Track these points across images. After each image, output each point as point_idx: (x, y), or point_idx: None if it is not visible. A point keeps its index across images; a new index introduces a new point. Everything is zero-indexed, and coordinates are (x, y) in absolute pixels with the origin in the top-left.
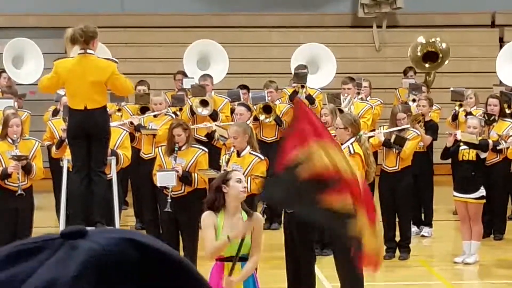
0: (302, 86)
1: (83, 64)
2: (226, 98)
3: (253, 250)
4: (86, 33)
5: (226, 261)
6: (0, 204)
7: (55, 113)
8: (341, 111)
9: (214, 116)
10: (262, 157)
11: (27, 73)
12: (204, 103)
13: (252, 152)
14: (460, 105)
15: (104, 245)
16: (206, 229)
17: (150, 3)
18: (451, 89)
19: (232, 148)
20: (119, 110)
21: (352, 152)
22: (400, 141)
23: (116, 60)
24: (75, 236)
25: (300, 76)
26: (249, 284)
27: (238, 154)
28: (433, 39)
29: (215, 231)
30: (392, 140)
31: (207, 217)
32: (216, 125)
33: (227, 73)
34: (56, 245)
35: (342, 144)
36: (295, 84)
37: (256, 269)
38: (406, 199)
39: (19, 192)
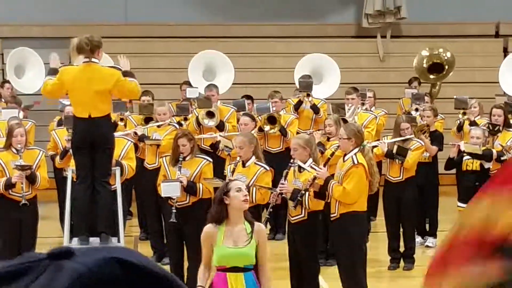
0: (308, 95)
1: (88, 73)
2: (232, 108)
3: (261, 261)
4: (91, 42)
5: (228, 272)
6: (4, 214)
7: (60, 123)
8: (345, 121)
9: (220, 127)
10: (267, 168)
11: (28, 83)
12: (210, 115)
13: (257, 162)
14: (464, 113)
15: (89, 266)
16: (203, 245)
17: (153, 14)
18: (455, 97)
19: (237, 158)
20: (121, 120)
21: (356, 162)
22: (403, 152)
23: (121, 68)
24: (62, 257)
25: (305, 85)
26: None
27: (243, 164)
28: (436, 51)
29: (215, 243)
30: (394, 151)
31: (206, 231)
32: (220, 135)
33: (232, 83)
34: (42, 266)
35: (345, 154)
36: (299, 94)
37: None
38: (410, 210)
39: (23, 202)
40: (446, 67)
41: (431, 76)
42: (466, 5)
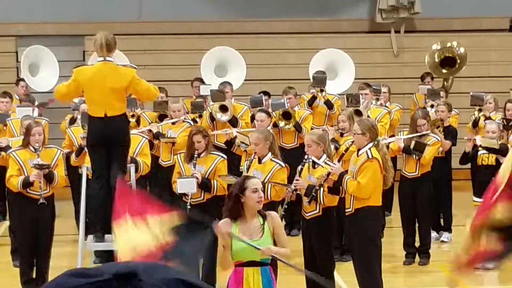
0: (322, 90)
1: (103, 72)
2: (246, 105)
3: (283, 245)
4: (113, 40)
5: (245, 267)
6: (22, 212)
7: (72, 121)
8: (359, 112)
9: (234, 123)
10: (283, 164)
11: (42, 81)
12: (223, 109)
13: (273, 158)
14: (480, 110)
15: (161, 286)
16: (219, 236)
17: (167, 11)
18: (471, 93)
19: (253, 155)
20: (132, 116)
21: (370, 157)
22: (420, 147)
23: (135, 66)
24: (127, 277)
25: (319, 80)
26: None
27: (259, 161)
28: (449, 44)
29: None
30: (412, 146)
31: (222, 225)
32: (237, 131)
33: (245, 79)
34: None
35: (359, 149)
36: (313, 90)
37: (276, 274)
38: (426, 205)
39: (41, 201)
40: (458, 61)
41: (444, 71)
42: None
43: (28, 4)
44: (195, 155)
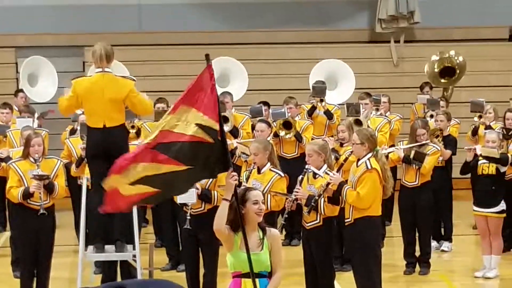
0: (321, 100)
1: (101, 83)
2: (246, 115)
3: (274, 267)
4: (112, 51)
5: (243, 278)
6: (23, 223)
7: (73, 132)
8: (359, 122)
9: (234, 133)
10: (282, 174)
11: (41, 92)
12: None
13: (272, 169)
14: (480, 117)
15: None
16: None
17: (167, 21)
18: (470, 100)
19: (252, 165)
20: (132, 127)
21: (369, 167)
22: (420, 157)
23: (134, 78)
24: None
25: (318, 90)
26: None
27: (259, 171)
28: (447, 54)
29: (232, 246)
30: (411, 156)
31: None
32: (237, 142)
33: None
34: None
35: (359, 159)
36: (313, 101)
37: None
38: (426, 214)
39: (41, 211)
40: (458, 70)
41: (443, 80)
42: (479, 9)
43: (28, 15)
44: None
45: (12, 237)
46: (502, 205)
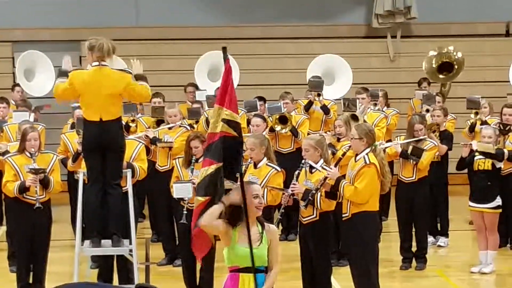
0: (319, 95)
1: (98, 76)
2: (242, 110)
3: (271, 263)
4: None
5: (241, 272)
6: (19, 217)
7: (73, 126)
8: (355, 117)
9: None
10: (279, 169)
11: (38, 86)
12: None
13: (268, 163)
14: (476, 113)
15: None
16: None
17: (164, 16)
18: (467, 97)
19: (249, 160)
20: (132, 121)
21: (368, 162)
22: (417, 152)
23: (131, 71)
24: None
25: (315, 84)
26: None
27: (255, 166)
28: (446, 49)
29: (230, 240)
30: (409, 151)
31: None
32: None
33: (242, 85)
34: None
35: (357, 154)
36: (310, 96)
37: None
38: (423, 209)
39: (37, 205)
40: (456, 66)
41: (441, 76)
42: (476, 4)
43: (25, 10)
44: (193, 160)
45: (8, 232)
46: (498, 201)
